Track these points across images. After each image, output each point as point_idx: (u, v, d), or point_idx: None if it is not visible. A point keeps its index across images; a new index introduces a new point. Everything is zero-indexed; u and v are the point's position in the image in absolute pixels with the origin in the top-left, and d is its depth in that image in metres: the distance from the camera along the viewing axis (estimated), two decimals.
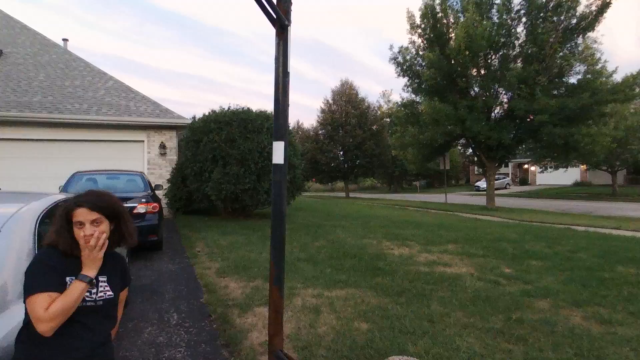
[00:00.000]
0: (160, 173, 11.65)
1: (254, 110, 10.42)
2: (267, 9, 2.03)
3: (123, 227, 1.49)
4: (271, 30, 2.19)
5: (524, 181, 40.52)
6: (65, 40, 16.64)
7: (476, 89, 16.32)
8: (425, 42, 16.60)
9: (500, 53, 15.45)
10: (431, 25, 15.99)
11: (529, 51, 14.49)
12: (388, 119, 29.94)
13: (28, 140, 10.54)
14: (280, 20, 2.06)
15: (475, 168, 41.48)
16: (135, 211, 6.15)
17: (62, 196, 2.67)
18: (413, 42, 17.06)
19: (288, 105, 2.13)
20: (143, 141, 11.66)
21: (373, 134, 31.00)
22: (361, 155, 30.73)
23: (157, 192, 8.47)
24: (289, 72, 2.10)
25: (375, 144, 30.65)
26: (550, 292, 4.48)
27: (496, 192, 19.72)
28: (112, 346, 1.51)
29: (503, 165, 22.58)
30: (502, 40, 14.96)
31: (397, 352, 2.98)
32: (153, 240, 6.38)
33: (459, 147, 23.43)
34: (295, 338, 3.25)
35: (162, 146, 11.72)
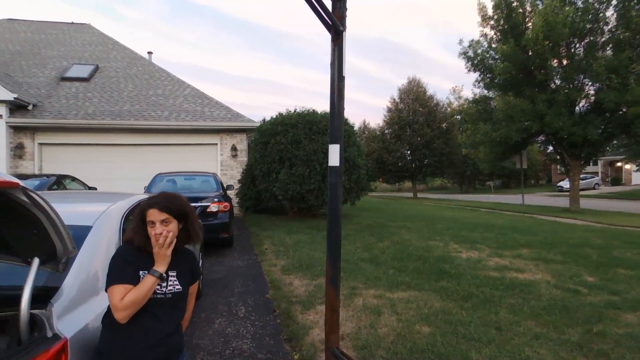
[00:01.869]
0: (232, 174, 12.35)
1: (318, 112, 10.62)
2: (322, 15, 2.09)
3: (190, 227, 1.64)
4: None
5: (616, 181, 36.39)
6: (149, 53, 18.31)
7: (557, 81, 14.99)
8: (498, 34, 15.65)
9: (586, 40, 14.06)
10: (505, 16, 15.04)
11: (621, 37, 13.03)
12: (458, 116, 28.67)
13: (118, 145, 11.81)
14: (335, 27, 2.12)
15: (558, 167, 38.09)
16: (208, 210, 6.61)
17: (144, 196, 2.97)
18: (485, 35, 16.15)
19: (343, 109, 2.18)
20: (216, 144, 12.48)
21: (442, 132, 29.91)
22: (429, 154, 29.80)
23: (228, 192, 8.98)
24: (344, 77, 2.14)
25: (445, 142, 29.53)
26: None
27: (583, 192, 17.99)
28: (181, 335, 1.65)
29: (590, 164, 20.49)
30: (588, 26, 13.61)
31: (460, 359, 2.89)
32: (224, 238, 6.81)
33: (538, 145, 21.66)
34: (355, 337, 3.29)
35: (234, 148, 12.41)
